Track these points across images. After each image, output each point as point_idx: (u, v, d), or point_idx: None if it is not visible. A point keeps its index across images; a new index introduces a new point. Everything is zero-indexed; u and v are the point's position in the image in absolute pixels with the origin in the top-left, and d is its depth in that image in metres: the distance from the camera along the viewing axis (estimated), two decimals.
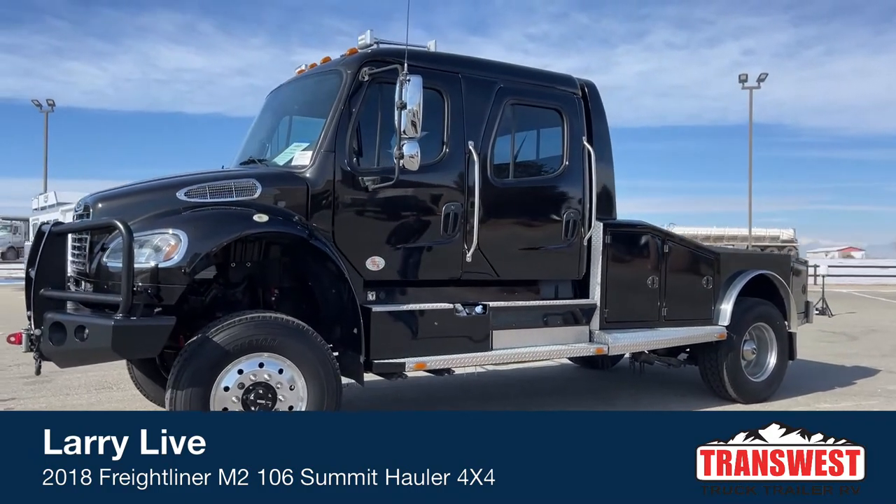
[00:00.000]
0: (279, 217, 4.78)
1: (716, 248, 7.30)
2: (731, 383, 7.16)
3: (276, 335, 4.61)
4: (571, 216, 6.11)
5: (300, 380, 4.69)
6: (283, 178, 5.04)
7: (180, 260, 4.36)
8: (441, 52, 5.74)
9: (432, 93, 5.50)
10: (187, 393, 4.38)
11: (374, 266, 5.24)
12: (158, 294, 4.34)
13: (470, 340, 5.57)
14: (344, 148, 5.10)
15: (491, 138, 5.74)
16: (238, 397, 4.54)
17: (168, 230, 4.44)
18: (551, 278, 6.22)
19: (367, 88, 5.21)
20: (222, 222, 4.60)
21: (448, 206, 5.48)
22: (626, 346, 6.43)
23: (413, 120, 4.83)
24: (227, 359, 4.48)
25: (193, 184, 4.79)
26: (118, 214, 4.56)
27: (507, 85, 5.91)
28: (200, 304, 5.03)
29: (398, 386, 7.58)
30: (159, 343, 4.33)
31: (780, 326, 7.58)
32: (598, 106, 6.49)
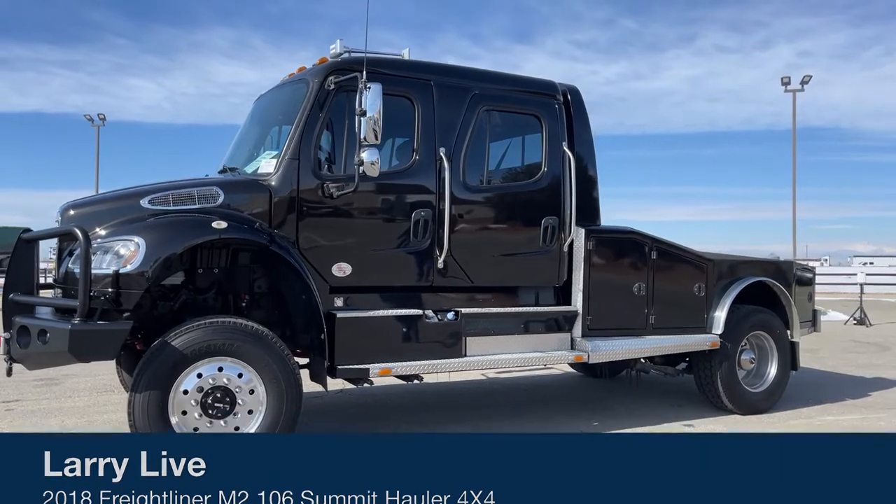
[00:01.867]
0: (239, 224, 4.87)
1: (710, 254, 7.09)
2: (727, 393, 6.96)
3: (235, 340, 4.68)
4: (549, 222, 6.05)
5: (260, 385, 4.76)
6: (246, 186, 5.14)
7: (138, 266, 4.48)
8: (414, 60, 5.76)
9: (403, 100, 5.55)
10: (146, 396, 4.49)
11: (341, 272, 5.28)
12: (118, 299, 4.46)
13: (441, 347, 5.55)
14: (309, 155, 5.17)
15: (464, 145, 5.74)
16: (197, 400, 4.62)
17: (127, 237, 4.57)
18: (530, 285, 6.16)
19: (334, 97, 5.27)
20: (180, 229, 4.70)
21: (418, 213, 5.49)
22: (608, 354, 6.30)
23: (373, 127, 4.87)
24: (186, 363, 4.57)
25: (157, 192, 4.92)
26: (86, 222, 4.75)
27: (482, 91, 5.90)
28: (170, 310, 5.15)
29: (394, 392, 7.64)
30: (115, 347, 4.45)
31: (780, 335, 7.34)
32: (580, 111, 6.42)
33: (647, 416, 6.96)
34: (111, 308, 4.47)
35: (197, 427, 4.63)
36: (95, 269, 4.43)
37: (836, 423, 6.86)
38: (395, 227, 5.47)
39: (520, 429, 6.30)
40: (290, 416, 4.81)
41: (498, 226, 5.95)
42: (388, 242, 5.45)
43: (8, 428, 6.04)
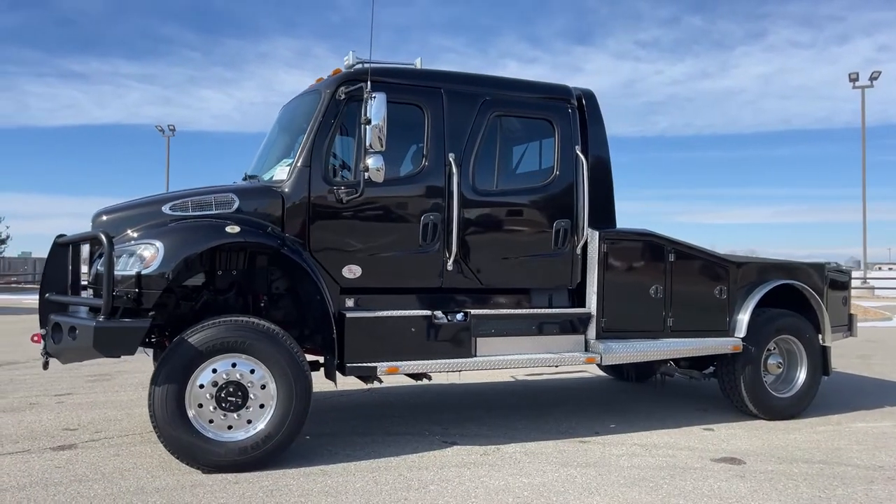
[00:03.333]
0: (252, 228, 5.15)
1: (732, 256, 6.99)
2: (751, 398, 6.86)
3: (247, 338, 4.96)
4: (561, 225, 6.13)
5: (271, 381, 5.02)
6: (260, 192, 5.43)
7: (157, 267, 4.81)
8: (424, 69, 5.95)
9: (413, 108, 5.76)
10: (164, 389, 4.81)
11: (351, 274, 5.51)
12: (139, 298, 4.80)
13: (450, 347, 5.71)
14: (320, 162, 5.43)
15: (474, 150, 5.89)
16: (212, 394, 4.92)
17: (149, 241, 4.91)
18: (541, 287, 6.24)
19: (345, 106, 5.51)
20: (196, 233, 5.02)
21: (427, 217, 5.67)
22: (621, 356, 6.31)
23: (378, 135, 5.09)
24: (201, 358, 4.88)
25: (178, 199, 5.27)
26: (115, 227, 5.15)
27: (493, 97, 6.04)
28: (192, 309, 5.48)
29: (409, 392, 7.84)
30: (135, 343, 4.78)
31: (810, 340, 7.18)
32: (595, 115, 6.48)
33: (667, 419, 6.93)
34: (133, 306, 4.80)
35: (212, 419, 4.93)
36: (120, 271, 4.79)
37: (863, 430, 6.67)
38: (404, 230, 5.66)
39: (536, 429, 6.38)
40: (298, 412, 5.05)
41: (508, 229, 6.06)
42: (397, 246, 5.65)
43: (51, 418, 6.51)
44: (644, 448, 5.85)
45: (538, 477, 4.99)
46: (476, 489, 4.70)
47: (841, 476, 5.17)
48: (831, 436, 6.40)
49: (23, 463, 5.11)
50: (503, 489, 4.71)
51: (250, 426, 5.00)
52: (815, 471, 5.29)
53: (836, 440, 6.24)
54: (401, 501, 4.45)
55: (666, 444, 6.00)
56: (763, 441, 6.16)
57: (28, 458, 5.22)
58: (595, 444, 5.96)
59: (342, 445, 5.69)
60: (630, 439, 6.13)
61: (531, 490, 4.70)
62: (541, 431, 6.32)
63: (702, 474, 5.14)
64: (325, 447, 5.63)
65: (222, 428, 4.95)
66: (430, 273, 5.76)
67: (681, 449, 5.85)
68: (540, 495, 4.60)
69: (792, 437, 6.31)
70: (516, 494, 4.61)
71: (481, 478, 4.94)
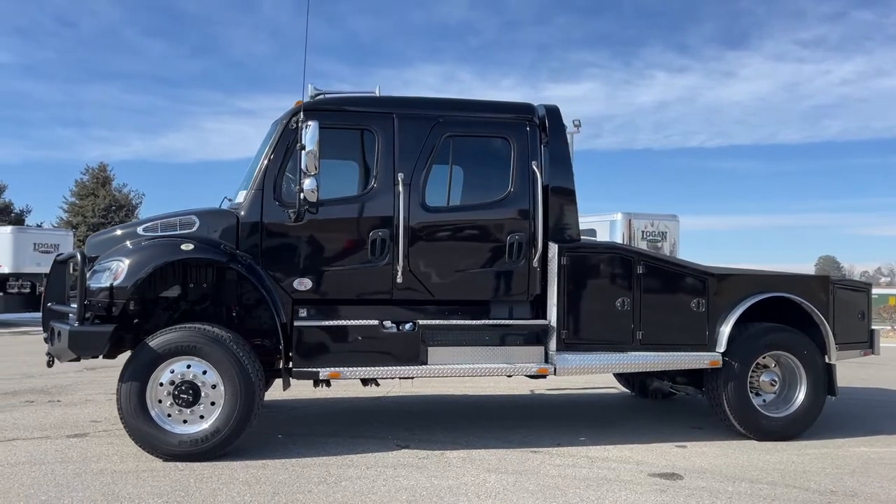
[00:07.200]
0: (205, 245, 5.83)
1: (711, 268, 6.73)
2: (737, 417, 6.58)
3: (198, 342, 5.62)
4: (515, 238, 6.30)
5: (220, 381, 5.64)
6: (218, 215, 6.11)
7: (122, 280, 5.60)
8: (380, 96, 6.43)
9: (367, 132, 6.24)
10: (129, 385, 5.57)
11: (303, 286, 6.04)
12: (109, 307, 5.62)
13: (399, 355, 6.06)
14: (272, 186, 6.03)
15: (424, 169, 6.24)
16: (170, 392, 5.62)
17: (118, 258, 5.73)
18: (498, 299, 6.42)
19: (298, 134, 6.07)
20: (154, 251, 5.77)
21: (375, 233, 6.09)
22: (577, 369, 6.32)
23: (312, 160, 5.61)
24: (160, 360, 5.59)
25: (150, 221, 6.09)
26: (100, 248, 6.05)
27: (446, 119, 6.37)
28: (170, 318, 6.25)
29: (409, 402, 8.20)
30: (102, 345, 5.59)
31: (809, 357, 6.74)
32: (557, 130, 6.59)
33: (648, 434, 6.80)
34: (105, 314, 5.62)
35: (170, 414, 5.62)
36: (95, 284, 5.64)
37: (858, 454, 6.18)
38: (353, 246, 6.11)
39: (499, 438, 6.51)
40: (243, 410, 5.61)
41: (460, 243, 6.32)
42: (346, 260, 6.11)
43: (90, 412, 7.55)
44: (590, 460, 5.84)
45: (452, 480, 5.20)
46: (381, 487, 5.01)
47: (780, 498, 4.93)
48: (813, 459, 6.01)
49: (34, 446, 6.06)
50: (406, 488, 4.98)
51: (202, 421, 5.64)
52: (752, 490, 5.08)
53: (813, 463, 5.87)
54: (304, 492, 4.86)
55: (619, 458, 5.95)
56: (728, 460, 5.92)
57: (40, 444, 6.17)
58: (544, 454, 6.03)
59: (303, 444, 6.19)
60: (585, 452, 6.12)
61: (430, 490, 4.93)
62: (501, 441, 6.46)
63: (620, 486, 5.11)
64: (289, 446, 6.15)
65: (178, 422, 5.62)
66: (381, 285, 6.15)
67: (628, 463, 5.79)
68: (434, 495, 4.83)
69: (764, 458, 6.00)
70: (412, 492, 4.88)
71: (397, 477, 5.24)
